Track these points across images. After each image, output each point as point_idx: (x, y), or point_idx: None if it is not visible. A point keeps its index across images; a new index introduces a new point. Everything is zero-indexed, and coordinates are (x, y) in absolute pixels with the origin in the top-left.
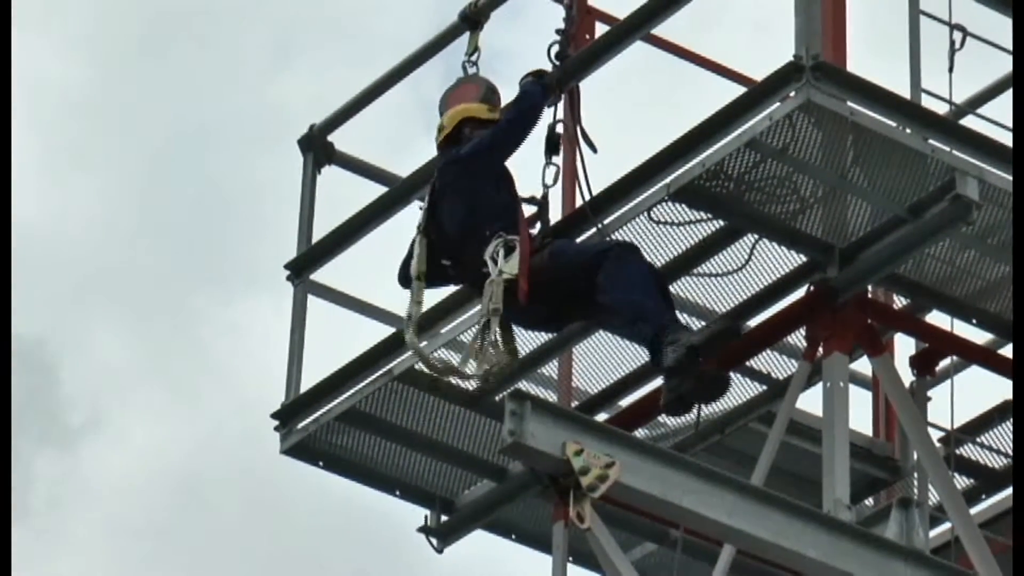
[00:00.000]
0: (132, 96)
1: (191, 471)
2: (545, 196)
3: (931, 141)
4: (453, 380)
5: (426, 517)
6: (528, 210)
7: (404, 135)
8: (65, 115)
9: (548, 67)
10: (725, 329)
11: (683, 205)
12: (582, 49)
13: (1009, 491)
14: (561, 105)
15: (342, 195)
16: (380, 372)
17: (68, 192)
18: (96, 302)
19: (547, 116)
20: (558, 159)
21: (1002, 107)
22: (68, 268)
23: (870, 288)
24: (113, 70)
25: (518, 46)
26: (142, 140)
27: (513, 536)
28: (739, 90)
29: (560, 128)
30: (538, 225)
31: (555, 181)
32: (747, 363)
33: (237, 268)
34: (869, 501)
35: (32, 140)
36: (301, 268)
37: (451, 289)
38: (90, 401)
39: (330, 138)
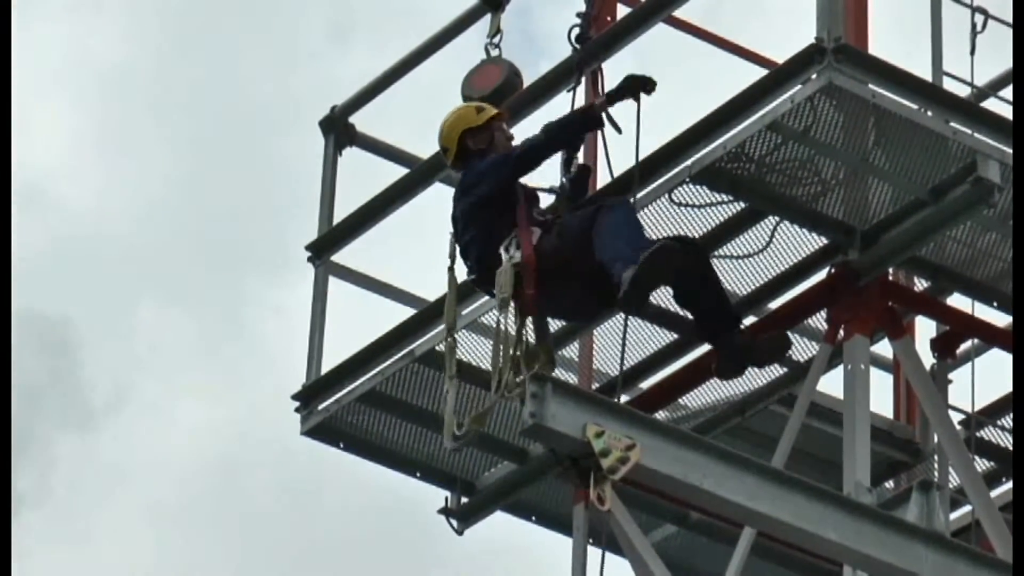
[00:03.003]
0: (184, 76)
1: (225, 454)
2: (563, 186)
3: (953, 124)
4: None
5: (447, 499)
6: (548, 199)
7: (425, 117)
8: (115, 95)
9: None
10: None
11: (704, 187)
12: (603, 31)
13: None
14: (582, 89)
15: (364, 177)
16: (401, 353)
17: (117, 173)
18: (138, 283)
19: (568, 102)
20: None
21: None
22: (111, 248)
23: (891, 270)
24: (166, 50)
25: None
26: (193, 120)
27: (533, 518)
28: (761, 72)
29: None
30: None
31: (576, 172)
32: None
33: (284, 250)
34: (890, 484)
35: (82, 120)
36: (322, 249)
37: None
38: (114, 382)
39: (351, 120)
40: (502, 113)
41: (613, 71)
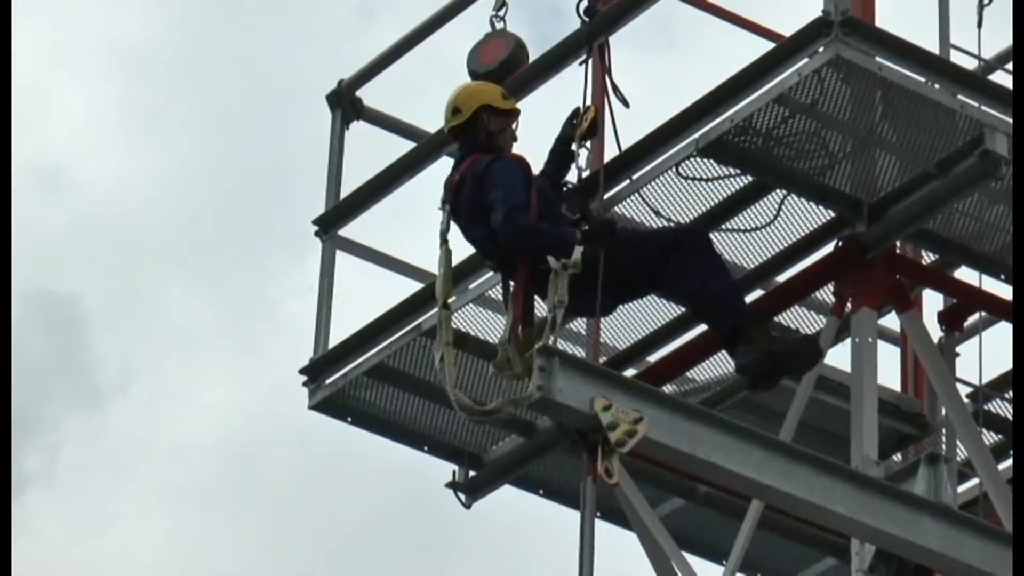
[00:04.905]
0: (210, 56)
1: (240, 433)
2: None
3: (960, 96)
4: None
5: (454, 472)
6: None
7: (433, 91)
8: (135, 74)
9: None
10: (806, 346)
11: (711, 161)
12: (611, 5)
13: None
14: (590, 62)
15: (371, 151)
16: (409, 328)
17: (136, 152)
18: (153, 261)
19: (580, 83)
20: (588, 143)
21: None
22: (127, 228)
23: (898, 244)
24: (192, 29)
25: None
26: (219, 100)
27: (541, 491)
28: (768, 45)
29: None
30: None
31: (588, 165)
32: (775, 319)
33: (302, 228)
34: (897, 457)
35: (101, 99)
36: (329, 224)
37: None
38: (124, 361)
39: (358, 93)
40: (519, 111)
41: (621, 45)
